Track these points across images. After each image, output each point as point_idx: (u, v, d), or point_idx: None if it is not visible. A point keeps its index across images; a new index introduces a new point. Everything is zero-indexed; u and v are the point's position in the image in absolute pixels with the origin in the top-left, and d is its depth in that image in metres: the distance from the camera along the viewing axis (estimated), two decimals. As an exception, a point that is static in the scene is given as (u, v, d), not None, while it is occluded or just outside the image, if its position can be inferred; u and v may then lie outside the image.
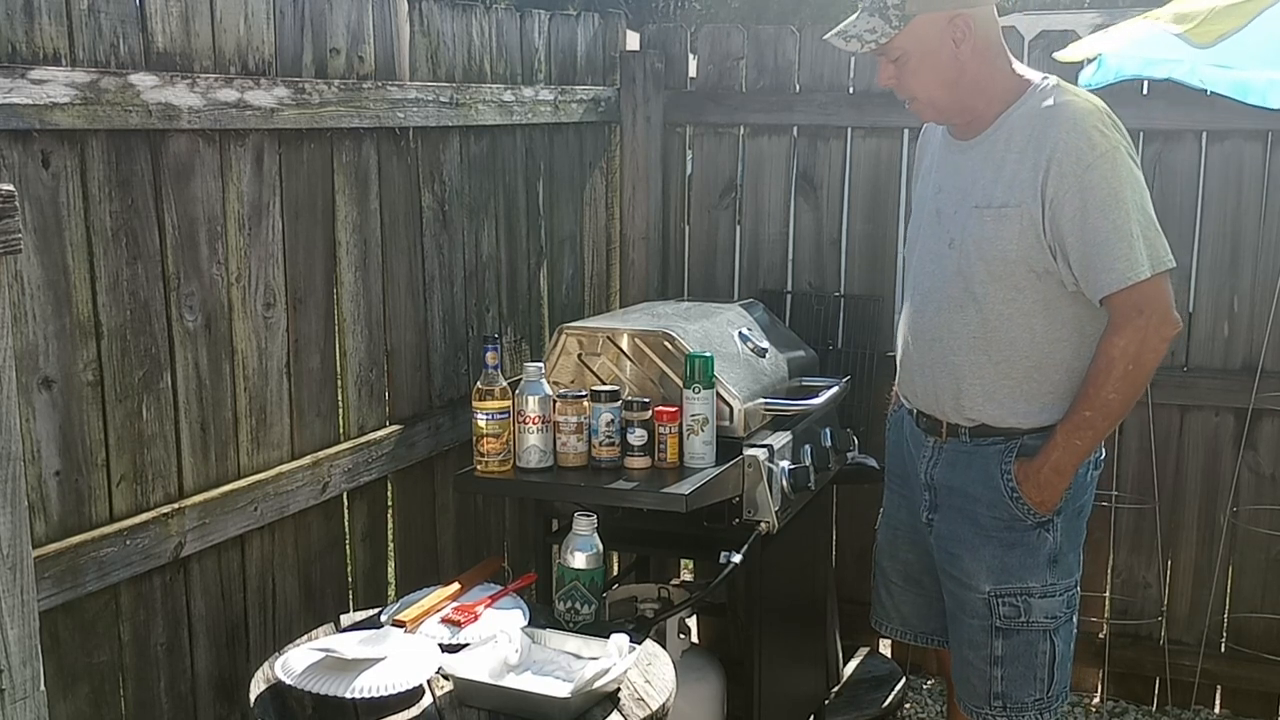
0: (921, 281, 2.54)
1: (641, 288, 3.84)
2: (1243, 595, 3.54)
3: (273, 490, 2.51)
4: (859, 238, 3.70)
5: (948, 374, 2.48)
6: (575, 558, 2.35)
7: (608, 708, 2.07)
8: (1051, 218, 2.31)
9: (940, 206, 2.50)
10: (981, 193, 2.40)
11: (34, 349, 2.03)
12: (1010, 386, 2.43)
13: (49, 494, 2.08)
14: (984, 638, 2.52)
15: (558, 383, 2.80)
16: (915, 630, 2.81)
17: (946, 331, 2.47)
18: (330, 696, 2.03)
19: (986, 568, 2.49)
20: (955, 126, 2.50)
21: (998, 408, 2.45)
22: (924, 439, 2.59)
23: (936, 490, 2.57)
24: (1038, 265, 2.35)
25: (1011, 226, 2.34)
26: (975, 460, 2.50)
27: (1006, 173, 2.36)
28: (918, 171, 2.72)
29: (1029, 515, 2.45)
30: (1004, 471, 2.46)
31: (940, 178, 2.53)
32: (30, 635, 1.61)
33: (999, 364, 2.42)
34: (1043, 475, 2.41)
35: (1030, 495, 2.43)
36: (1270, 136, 3.31)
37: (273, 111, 2.43)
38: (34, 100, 1.95)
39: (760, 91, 3.71)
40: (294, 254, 2.57)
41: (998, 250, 2.37)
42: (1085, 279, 2.32)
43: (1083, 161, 2.28)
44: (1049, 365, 2.41)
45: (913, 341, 2.57)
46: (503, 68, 3.23)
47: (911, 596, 2.77)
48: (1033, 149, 2.33)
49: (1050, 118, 2.33)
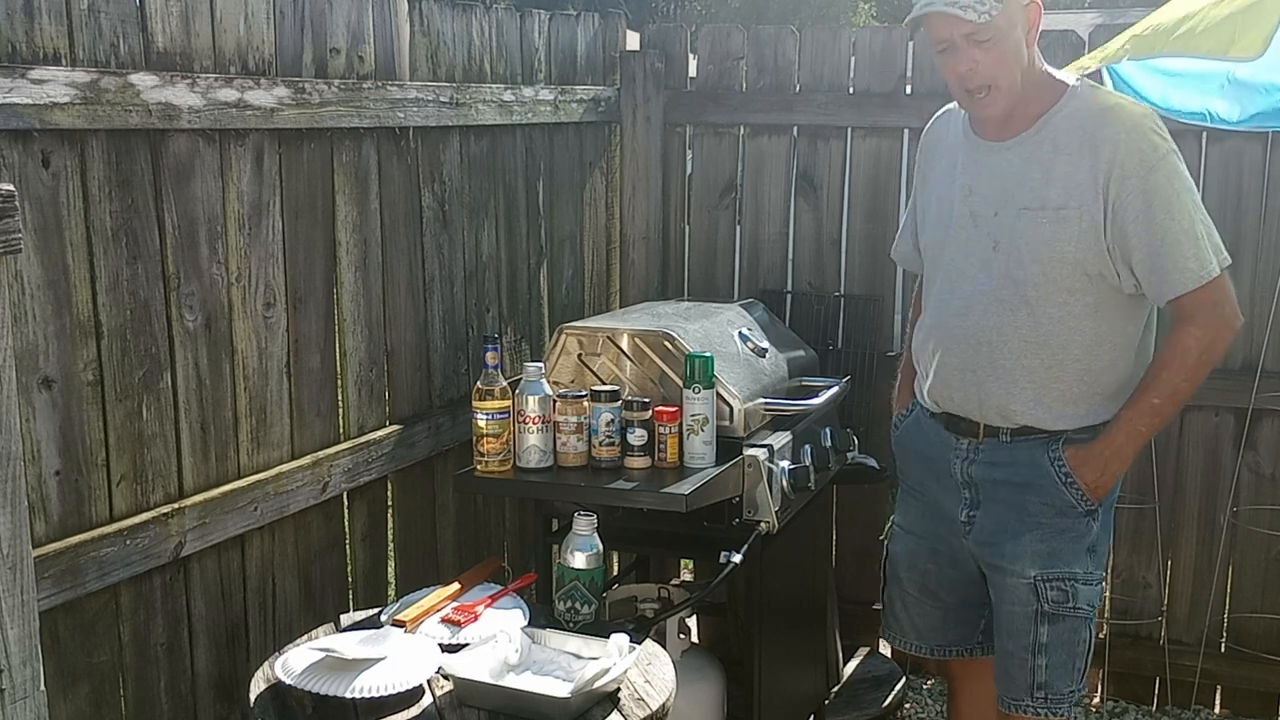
0: (961, 285, 2.47)
1: (641, 288, 3.84)
2: (1243, 595, 3.54)
3: (273, 490, 2.51)
4: (859, 238, 3.70)
5: (996, 378, 2.43)
6: (575, 558, 2.35)
7: (608, 708, 2.07)
8: (1114, 220, 2.29)
9: (974, 209, 2.45)
10: (1030, 194, 2.36)
11: (34, 349, 2.03)
12: (1061, 389, 2.41)
13: (49, 494, 2.08)
14: (1027, 625, 2.48)
15: (558, 383, 2.80)
16: (930, 644, 2.75)
17: (996, 335, 2.41)
18: (330, 696, 2.03)
19: (1032, 552, 2.45)
20: (989, 125, 2.44)
21: (1045, 411, 2.42)
22: (955, 440, 2.54)
23: (978, 486, 2.53)
24: (1092, 268, 2.33)
25: (1070, 229, 2.32)
26: (1018, 453, 2.47)
27: (1059, 175, 2.33)
28: (926, 174, 2.65)
29: (1081, 501, 2.43)
30: (1054, 459, 2.43)
31: (970, 180, 2.47)
32: (30, 635, 1.61)
33: (1050, 368, 2.40)
34: (1104, 459, 2.39)
35: (1086, 478, 2.41)
36: (1270, 137, 3.32)
37: (273, 111, 2.43)
38: (34, 100, 1.95)
39: (760, 91, 3.71)
40: (294, 254, 2.57)
41: (1054, 253, 2.34)
42: (1152, 280, 2.31)
43: (1145, 164, 2.27)
44: (1098, 368, 2.40)
45: (952, 346, 2.49)
46: (503, 68, 3.23)
47: (927, 609, 2.72)
48: (1088, 151, 2.30)
49: (1105, 120, 2.32)
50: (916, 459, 2.69)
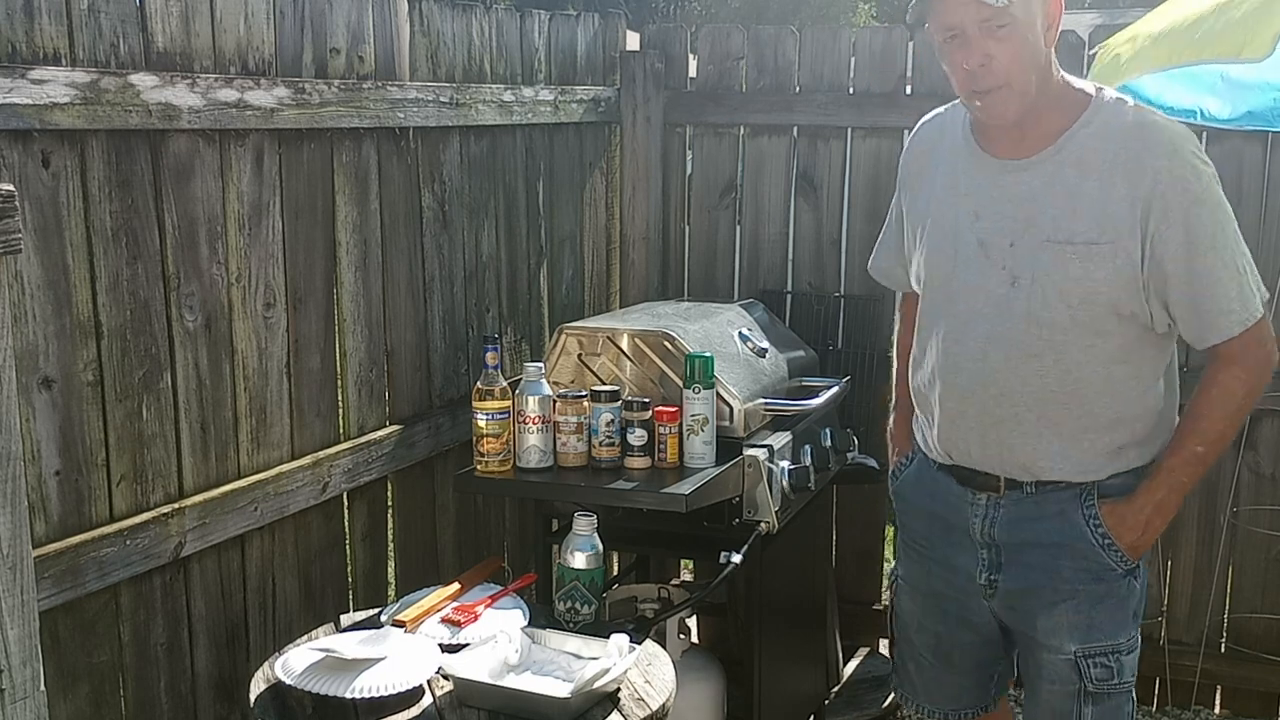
0: (975, 325, 2.17)
1: (641, 288, 3.84)
2: (1243, 595, 3.54)
3: (273, 490, 2.51)
4: (859, 238, 3.69)
5: (1021, 432, 2.16)
6: (575, 558, 2.35)
7: (608, 708, 2.07)
8: (1151, 255, 2.04)
9: (983, 237, 2.15)
10: (1053, 225, 2.08)
11: (34, 349, 2.03)
12: (1091, 440, 2.15)
13: (49, 494, 2.08)
14: (1069, 705, 2.22)
15: (558, 383, 2.80)
16: (945, 709, 2.48)
17: (1020, 384, 2.13)
18: (330, 696, 2.03)
19: (1070, 625, 2.20)
20: (999, 138, 2.16)
21: (1075, 464, 2.16)
22: (972, 496, 2.26)
23: (999, 548, 2.24)
24: (1124, 309, 2.08)
25: (1104, 266, 2.05)
26: (1045, 509, 2.20)
27: (1087, 203, 2.06)
28: (917, 187, 2.34)
29: (1121, 563, 2.18)
30: (1088, 517, 2.17)
31: (979, 203, 2.17)
32: (30, 635, 1.61)
33: (1080, 418, 2.14)
34: (1144, 516, 2.14)
35: (1125, 539, 2.16)
36: (1270, 137, 3.31)
37: (273, 111, 2.43)
38: (34, 100, 1.96)
39: (760, 91, 3.71)
40: (294, 254, 2.57)
41: (1084, 293, 2.07)
42: (1191, 322, 2.09)
43: (1189, 193, 2.04)
44: (1129, 416, 2.16)
45: (968, 394, 2.20)
46: (503, 68, 3.23)
47: (942, 676, 2.46)
48: (1121, 176, 2.04)
49: (1141, 140, 2.06)
50: (923, 514, 2.40)
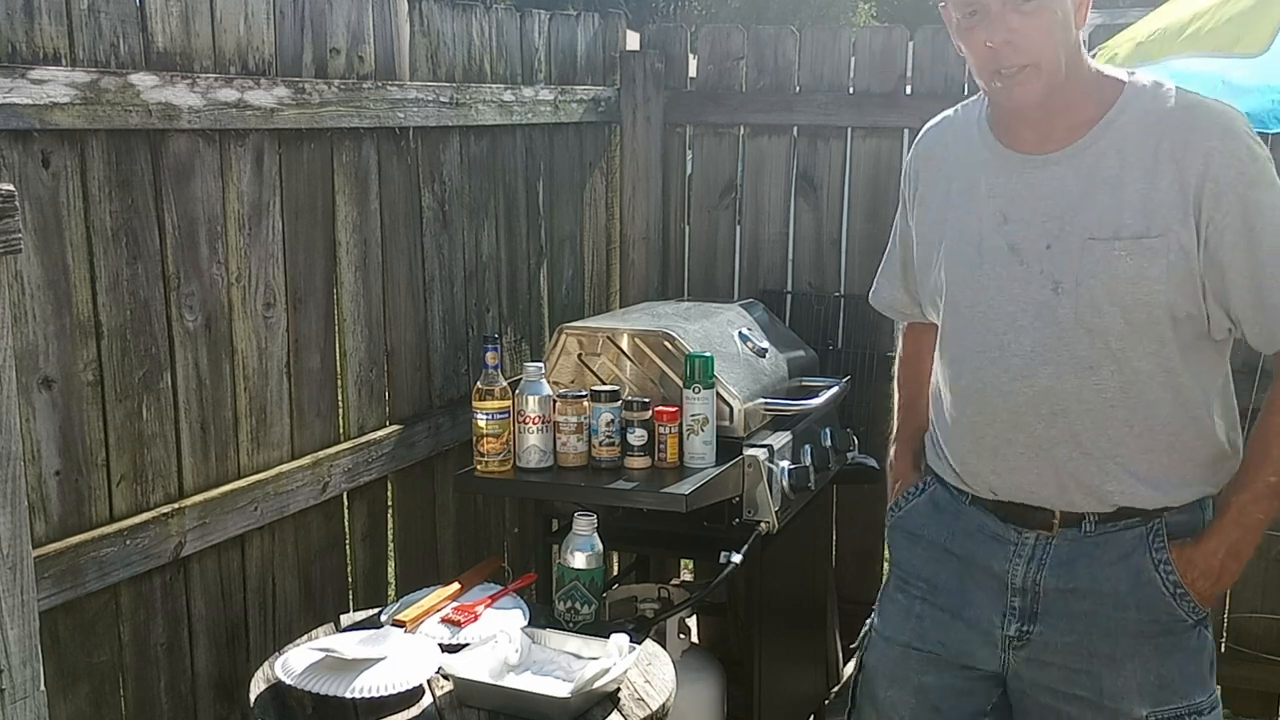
0: (1014, 340, 1.93)
1: (641, 288, 3.84)
2: (1243, 595, 3.53)
3: (273, 490, 2.51)
4: (859, 238, 3.70)
5: (1081, 454, 1.92)
6: (575, 558, 2.35)
7: (608, 708, 2.07)
8: (1207, 245, 1.83)
9: (1014, 241, 1.93)
10: (1096, 220, 1.86)
11: (34, 349, 2.03)
12: (1152, 459, 1.93)
13: (49, 494, 2.08)
14: None
15: (558, 383, 2.80)
16: None
17: (1075, 401, 1.90)
18: (330, 696, 2.03)
19: (1140, 685, 1.94)
20: (1026, 133, 1.95)
21: (1141, 485, 1.93)
22: (1018, 535, 1.99)
23: (1042, 595, 1.98)
24: (1181, 310, 1.86)
25: (1158, 262, 1.83)
26: (1105, 552, 1.95)
27: (1132, 194, 1.85)
28: (927, 198, 2.10)
29: (1192, 613, 1.94)
30: (1158, 562, 1.93)
31: (1005, 205, 1.94)
32: (30, 635, 1.61)
33: (1141, 435, 1.91)
34: (1218, 560, 1.91)
35: (1198, 586, 1.92)
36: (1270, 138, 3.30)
37: (273, 111, 2.43)
38: (34, 100, 1.96)
39: (760, 91, 3.71)
40: (294, 254, 2.57)
41: (1140, 294, 1.84)
42: (1259, 321, 1.87)
43: (1246, 176, 1.81)
44: (1192, 430, 1.95)
45: (1016, 418, 1.94)
46: (503, 68, 3.23)
47: None
48: (1169, 162, 1.84)
49: (1188, 122, 1.85)
50: (932, 552, 2.12)
